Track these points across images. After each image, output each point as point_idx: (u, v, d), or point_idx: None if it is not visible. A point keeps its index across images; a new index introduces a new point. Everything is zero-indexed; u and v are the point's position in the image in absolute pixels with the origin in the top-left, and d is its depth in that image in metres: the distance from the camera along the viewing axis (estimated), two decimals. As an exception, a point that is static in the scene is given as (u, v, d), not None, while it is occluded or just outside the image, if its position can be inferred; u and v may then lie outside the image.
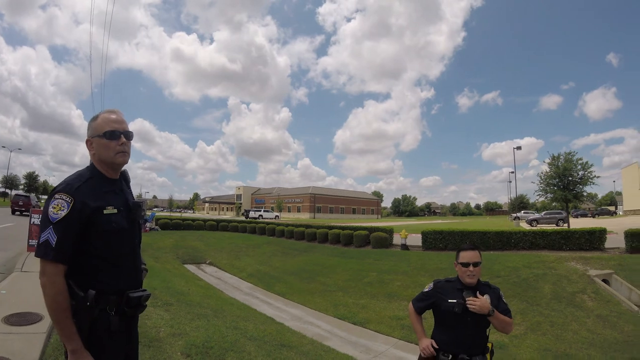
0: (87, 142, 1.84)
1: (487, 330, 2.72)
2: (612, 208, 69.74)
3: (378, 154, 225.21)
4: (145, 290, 1.89)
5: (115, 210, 1.76)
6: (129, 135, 1.88)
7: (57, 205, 1.63)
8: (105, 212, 1.72)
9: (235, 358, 4.32)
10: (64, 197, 1.65)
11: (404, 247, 16.35)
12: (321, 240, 20.14)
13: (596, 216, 53.81)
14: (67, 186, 1.69)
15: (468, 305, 2.57)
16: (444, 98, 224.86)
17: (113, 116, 1.86)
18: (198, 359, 4.07)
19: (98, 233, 1.70)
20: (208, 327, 5.51)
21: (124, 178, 2.00)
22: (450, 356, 2.61)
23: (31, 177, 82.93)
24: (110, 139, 1.80)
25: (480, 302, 2.57)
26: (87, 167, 1.85)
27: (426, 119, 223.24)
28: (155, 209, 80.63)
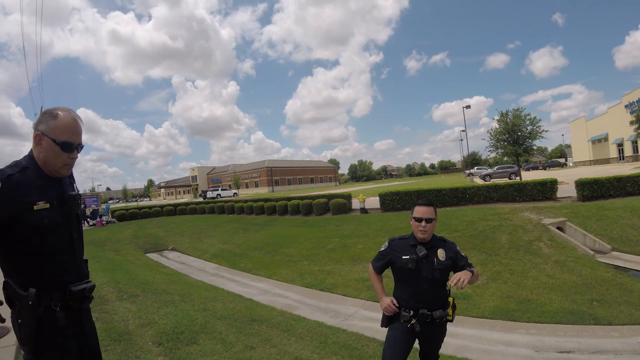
0: (36, 135, 1.69)
1: (447, 284, 2.72)
2: (562, 160, 72.37)
3: (331, 121, 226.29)
4: (89, 281, 1.84)
5: (47, 205, 1.65)
6: (80, 148, 1.79)
7: None
8: (35, 208, 1.61)
9: (206, 339, 4.39)
10: None
11: (363, 210, 16.84)
12: (281, 213, 20.30)
13: (547, 168, 56.69)
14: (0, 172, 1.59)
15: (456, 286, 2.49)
16: (392, 62, 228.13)
17: (75, 126, 1.74)
18: (170, 346, 4.11)
19: (30, 229, 1.60)
20: (177, 312, 5.52)
21: None
22: (412, 312, 2.64)
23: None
24: (65, 150, 1.70)
25: (462, 277, 2.48)
26: (25, 156, 1.73)
27: (376, 84, 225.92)
28: (110, 201, 77.46)
